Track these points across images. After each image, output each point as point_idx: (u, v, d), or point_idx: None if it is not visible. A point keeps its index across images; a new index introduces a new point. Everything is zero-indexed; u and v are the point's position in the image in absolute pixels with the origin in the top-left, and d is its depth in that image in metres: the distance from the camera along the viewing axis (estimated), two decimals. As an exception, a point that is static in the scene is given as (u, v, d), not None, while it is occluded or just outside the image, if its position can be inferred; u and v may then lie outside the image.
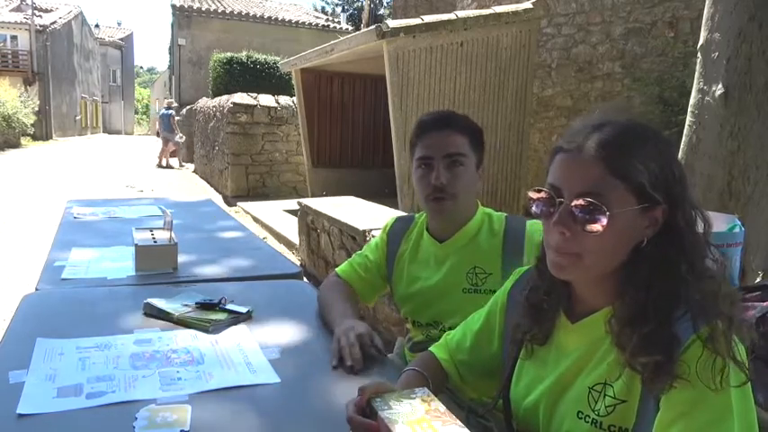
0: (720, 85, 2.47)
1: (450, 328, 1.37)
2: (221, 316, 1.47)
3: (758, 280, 2.24)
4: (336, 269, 1.64)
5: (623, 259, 0.84)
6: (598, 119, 0.86)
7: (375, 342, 1.27)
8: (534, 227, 1.39)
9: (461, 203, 1.41)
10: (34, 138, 23.23)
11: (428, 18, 5.04)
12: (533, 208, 0.88)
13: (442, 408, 0.88)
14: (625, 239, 0.82)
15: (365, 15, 17.85)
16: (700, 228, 0.83)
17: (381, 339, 1.30)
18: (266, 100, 9.39)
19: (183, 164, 14.23)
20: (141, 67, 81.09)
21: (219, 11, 19.05)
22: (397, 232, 1.59)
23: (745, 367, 0.76)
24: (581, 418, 0.86)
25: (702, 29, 2.62)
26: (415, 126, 1.46)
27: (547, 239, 0.87)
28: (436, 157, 1.39)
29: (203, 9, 18.79)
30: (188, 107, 16.10)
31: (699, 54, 2.64)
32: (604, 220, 0.79)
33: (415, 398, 0.90)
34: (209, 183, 11.06)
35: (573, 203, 0.81)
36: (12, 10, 28.16)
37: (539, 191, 0.87)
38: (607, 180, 0.80)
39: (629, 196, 0.81)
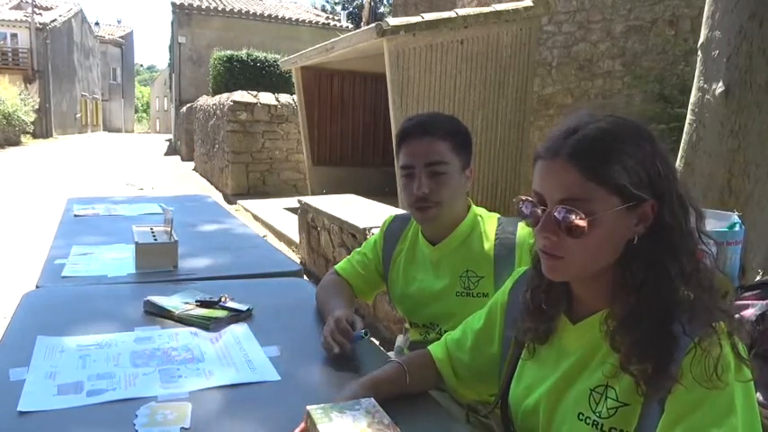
0: (721, 84, 2.47)
1: (447, 332, 1.38)
2: (221, 314, 1.47)
3: (758, 278, 2.24)
4: (335, 266, 1.65)
5: (616, 257, 0.84)
6: (573, 123, 0.86)
7: (353, 321, 1.28)
8: (526, 229, 1.38)
9: (447, 210, 1.40)
10: (34, 136, 23.23)
11: (428, 16, 5.04)
12: (523, 212, 0.90)
13: (387, 420, 0.87)
14: (611, 240, 0.83)
15: (365, 13, 17.83)
16: (692, 220, 0.83)
17: (362, 323, 1.31)
18: (266, 98, 9.38)
19: None
20: (141, 65, 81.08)
21: (219, 9, 19.01)
22: (394, 231, 1.59)
23: (748, 363, 0.76)
24: (582, 420, 0.86)
25: (703, 27, 2.62)
26: (396, 133, 1.45)
27: (537, 242, 0.89)
28: (417, 165, 1.37)
29: (203, 7, 18.76)
30: (188, 105, 16.10)
31: (699, 52, 2.63)
32: (583, 225, 0.81)
33: (359, 409, 0.88)
34: (209, 181, 11.07)
35: (558, 209, 0.82)
36: (12, 8, 28.15)
37: (524, 199, 0.89)
38: (585, 185, 0.81)
39: (612, 198, 0.81)
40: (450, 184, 1.38)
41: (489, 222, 1.45)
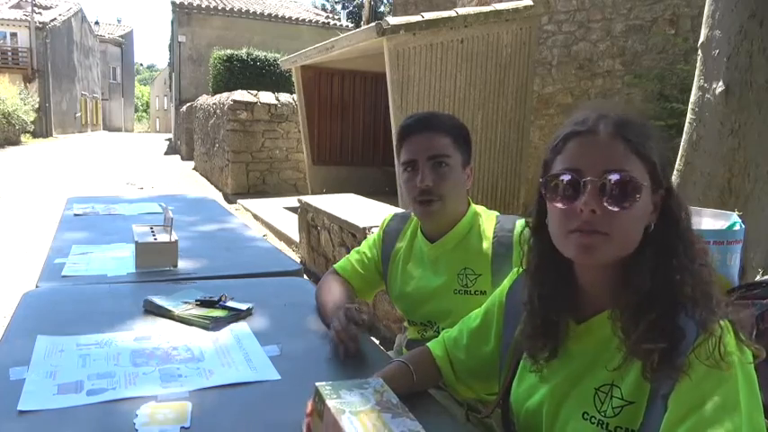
0: (721, 83, 2.47)
1: (444, 330, 1.38)
2: (221, 313, 1.47)
3: (758, 277, 2.24)
4: (334, 265, 1.65)
5: (636, 245, 0.84)
6: (600, 108, 0.86)
7: (362, 313, 1.29)
8: (524, 227, 1.37)
9: (449, 204, 1.40)
10: (34, 135, 23.22)
11: (428, 15, 5.03)
12: (557, 198, 0.84)
13: (395, 399, 0.86)
14: (642, 220, 0.83)
15: (365, 12, 17.81)
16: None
17: (369, 307, 1.34)
18: (266, 97, 9.38)
19: None
20: (141, 65, 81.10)
21: (219, 8, 19.00)
22: (393, 230, 1.59)
23: (750, 346, 0.77)
24: (586, 419, 0.86)
25: (703, 26, 2.62)
26: (397, 130, 1.46)
27: (566, 225, 0.83)
28: (420, 159, 1.38)
29: (203, 6, 18.74)
30: (188, 104, 16.09)
31: (699, 51, 2.63)
32: (638, 195, 0.80)
33: (367, 388, 0.88)
34: (209, 180, 11.06)
35: (606, 179, 0.80)
36: (11, 7, 28.12)
37: (556, 176, 0.84)
38: (629, 157, 0.81)
39: (646, 175, 0.82)
40: (452, 177, 1.39)
41: (488, 220, 1.45)
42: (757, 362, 0.78)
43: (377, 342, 1.39)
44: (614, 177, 0.80)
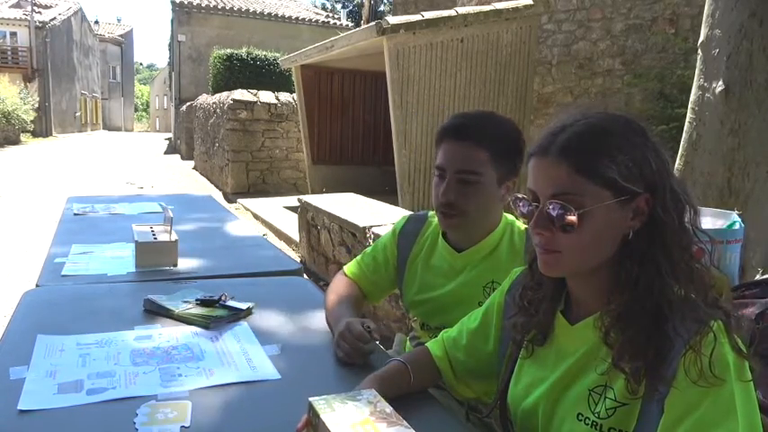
0: (721, 82, 2.47)
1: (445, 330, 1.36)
2: (221, 312, 1.47)
3: (758, 276, 2.24)
4: (345, 268, 1.60)
5: (611, 253, 0.84)
6: (564, 120, 0.87)
7: (368, 327, 1.26)
8: None
9: (473, 220, 1.32)
10: (34, 134, 23.22)
11: (428, 14, 5.04)
12: (521, 210, 0.90)
13: (389, 409, 0.87)
14: (605, 234, 0.83)
15: (365, 12, 17.81)
16: (687, 216, 0.83)
17: (374, 325, 1.30)
18: (266, 96, 9.37)
19: None
20: (141, 64, 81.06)
21: (219, 7, 19.00)
22: (408, 234, 1.52)
23: (749, 359, 0.76)
24: (581, 420, 0.86)
25: (703, 25, 2.62)
26: (439, 127, 1.36)
27: (533, 240, 0.89)
28: (449, 170, 1.30)
29: (203, 5, 18.73)
30: (188, 104, 16.08)
31: (699, 51, 2.64)
32: (574, 218, 0.81)
33: (360, 399, 0.89)
34: (209, 179, 11.06)
35: (549, 204, 0.83)
36: (11, 6, 28.11)
37: (520, 197, 0.90)
38: (574, 179, 0.82)
39: (602, 191, 0.81)
40: (479, 195, 1.29)
41: (518, 233, 1.39)
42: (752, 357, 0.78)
43: (377, 341, 1.39)
44: (555, 203, 0.83)
